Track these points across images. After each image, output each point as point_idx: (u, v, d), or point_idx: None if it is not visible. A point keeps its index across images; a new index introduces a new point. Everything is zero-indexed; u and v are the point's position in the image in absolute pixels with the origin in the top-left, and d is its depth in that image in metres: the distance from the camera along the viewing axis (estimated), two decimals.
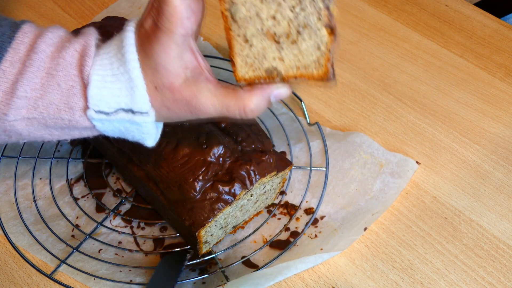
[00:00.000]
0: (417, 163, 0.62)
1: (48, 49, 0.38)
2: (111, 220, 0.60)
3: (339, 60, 0.74)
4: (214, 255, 0.57)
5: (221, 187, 0.50)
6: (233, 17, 0.37)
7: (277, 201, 0.61)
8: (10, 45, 0.38)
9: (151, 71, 0.37)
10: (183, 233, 0.57)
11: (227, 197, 0.50)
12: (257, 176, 0.51)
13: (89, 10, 0.81)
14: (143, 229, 0.59)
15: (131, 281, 0.54)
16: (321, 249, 0.56)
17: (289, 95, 0.40)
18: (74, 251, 0.56)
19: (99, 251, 0.57)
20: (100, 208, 0.60)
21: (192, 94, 0.38)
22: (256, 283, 0.53)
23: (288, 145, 0.65)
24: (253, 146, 0.53)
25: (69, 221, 0.59)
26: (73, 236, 0.58)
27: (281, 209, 0.60)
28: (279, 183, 0.57)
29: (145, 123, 0.39)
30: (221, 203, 0.50)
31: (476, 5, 0.81)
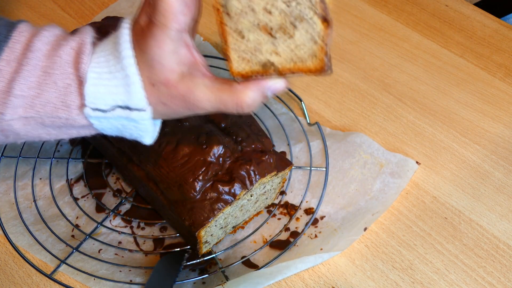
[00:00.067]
0: (417, 163, 0.62)
1: (44, 47, 0.38)
2: (111, 220, 0.60)
3: (339, 60, 0.74)
4: (214, 255, 0.57)
5: (221, 187, 0.50)
6: (227, 13, 0.36)
7: (277, 201, 0.61)
8: (6, 44, 0.38)
9: (147, 67, 0.37)
10: (183, 233, 0.57)
11: (227, 197, 0.50)
12: (257, 176, 0.51)
13: (89, 10, 0.81)
14: (143, 229, 0.59)
15: (131, 281, 0.54)
16: (321, 249, 0.56)
17: (286, 89, 0.39)
18: (74, 251, 0.56)
19: (99, 251, 0.57)
20: (100, 208, 0.60)
21: (188, 89, 0.38)
22: (255, 282, 0.53)
23: (288, 145, 0.65)
24: (253, 146, 0.53)
25: (69, 221, 0.59)
26: (73, 236, 0.58)
27: (281, 209, 0.60)
28: (279, 183, 0.57)
29: (142, 120, 0.39)
30: (221, 203, 0.50)
31: (476, 5, 0.81)
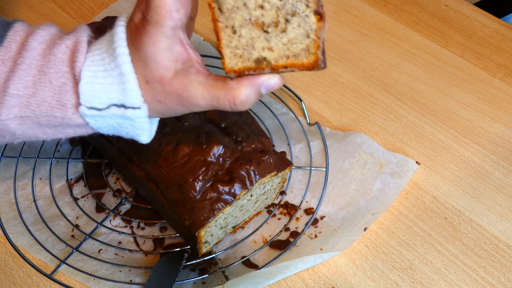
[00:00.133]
0: (417, 163, 0.62)
1: (39, 46, 0.38)
2: (111, 220, 0.60)
3: (339, 60, 0.74)
4: (214, 255, 0.57)
5: (221, 187, 0.50)
6: (220, 8, 0.36)
7: (277, 201, 0.61)
8: (1, 44, 0.38)
9: (141, 64, 0.37)
10: (183, 233, 0.57)
11: (227, 197, 0.50)
12: (257, 176, 0.51)
13: (89, 10, 0.81)
14: (143, 229, 0.59)
15: (131, 281, 0.54)
16: (321, 249, 0.56)
17: (281, 85, 0.39)
18: (74, 251, 0.56)
19: (99, 251, 0.57)
20: (100, 208, 0.60)
21: (182, 86, 0.37)
22: (255, 282, 0.53)
23: (288, 145, 0.65)
24: (253, 146, 0.53)
25: (69, 221, 0.59)
26: (73, 236, 0.58)
27: (281, 209, 0.60)
28: (279, 183, 0.57)
29: (138, 118, 0.39)
30: (221, 203, 0.50)
31: (476, 5, 0.81)
